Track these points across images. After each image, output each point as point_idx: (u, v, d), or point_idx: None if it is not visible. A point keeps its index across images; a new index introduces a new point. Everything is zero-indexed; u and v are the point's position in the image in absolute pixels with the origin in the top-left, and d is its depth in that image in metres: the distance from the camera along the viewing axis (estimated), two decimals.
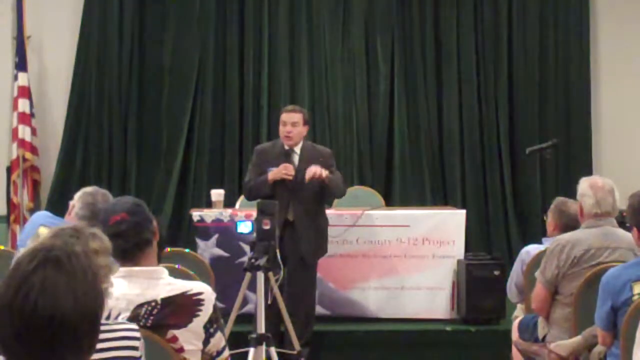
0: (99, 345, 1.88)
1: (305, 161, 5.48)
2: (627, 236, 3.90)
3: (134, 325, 2.06)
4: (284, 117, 5.53)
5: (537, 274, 4.11)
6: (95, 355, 1.73)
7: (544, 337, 4.19)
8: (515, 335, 4.45)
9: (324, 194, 5.58)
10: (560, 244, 4.01)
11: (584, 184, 4.07)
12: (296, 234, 5.44)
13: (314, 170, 5.32)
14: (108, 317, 2.45)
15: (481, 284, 5.85)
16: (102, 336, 1.91)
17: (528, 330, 4.33)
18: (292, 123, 5.49)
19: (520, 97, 7.97)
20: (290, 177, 5.38)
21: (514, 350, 4.51)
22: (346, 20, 7.92)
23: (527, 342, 4.29)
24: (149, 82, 7.85)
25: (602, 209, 3.98)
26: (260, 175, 5.47)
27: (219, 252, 5.94)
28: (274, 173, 5.40)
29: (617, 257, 3.89)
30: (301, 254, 5.46)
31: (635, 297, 3.35)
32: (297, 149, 5.54)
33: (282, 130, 5.51)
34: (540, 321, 4.22)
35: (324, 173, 5.33)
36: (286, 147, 5.52)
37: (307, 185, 5.39)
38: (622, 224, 4.12)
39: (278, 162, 5.45)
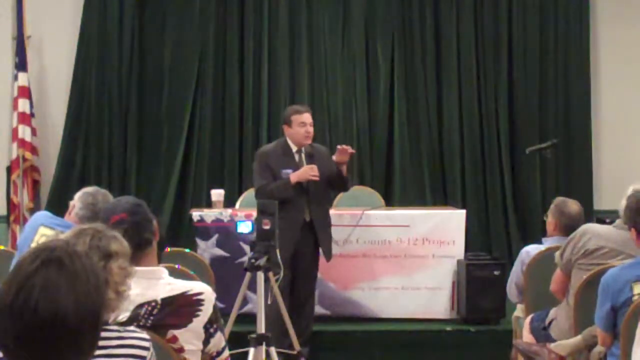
0: (105, 351, 1.88)
1: (311, 159, 5.50)
2: None
3: (145, 335, 2.03)
4: (304, 118, 5.48)
5: (557, 255, 4.17)
6: None
7: (550, 323, 4.21)
8: (526, 332, 4.44)
9: (329, 193, 5.68)
10: (582, 230, 4.08)
11: (631, 186, 4.08)
12: (314, 234, 5.46)
13: (346, 148, 5.40)
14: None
15: (481, 284, 5.85)
16: (109, 342, 1.91)
17: (540, 317, 4.35)
18: (310, 123, 5.51)
19: (520, 97, 7.96)
20: (317, 178, 5.38)
21: (514, 350, 4.52)
22: (346, 20, 7.92)
23: (538, 329, 4.30)
24: (149, 82, 7.85)
25: None
26: (273, 177, 5.42)
27: (219, 252, 5.95)
28: (299, 175, 5.36)
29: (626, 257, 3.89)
30: (321, 253, 5.53)
31: (635, 297, 3.35)
32: (302, 148, 5.54)
33: (302, 131, 5.45)
34: (553, 310, 4.25)
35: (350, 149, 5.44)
36: (294, 148, 5.50)
37: (320, 185, 5.43)
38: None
39: (290, 162, 5.44)
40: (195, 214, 6.07)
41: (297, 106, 5.86)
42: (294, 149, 5.51)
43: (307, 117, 5.50)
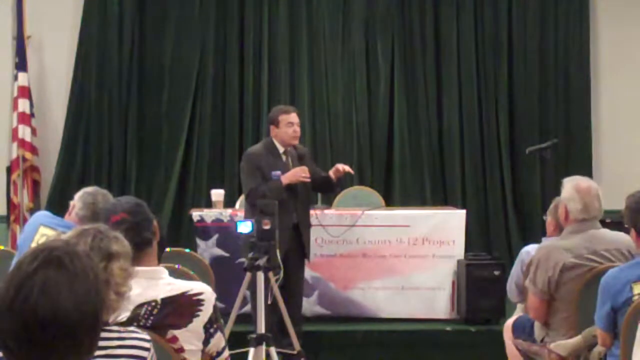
0: (105, 352, 1.89)
1: (297, 160, 5.51)
2: (613, 236, 3.89)
3: (145, 335, 2.03)
4: (291, 117, 5.46)
5: (528, 283, 4.05)
6: None
7: (542, 339, 4.18)
8: (507, 334, 4.43)
9: (311, 195, 5.72)
10: (545, 252, 3.94)
11: (568, 187, 3.98)
12: (301, 236, 5.45)
13: (343, 166, 5.47)
14: None
15: (481, 284, 5.86)
16: (110, 343, 1.91)
17: (525, 331, 4.31)
18: (298, 123, 5.50)
19: (520, 97, 7.97)
20: (309, 180, 5.38)
21: (511, 350, 4.50)
22: (346, 20, 7.92)
23: (526, 342, 4.28)
24: (149, 82, 7.86)
25: (590, 214, 3.91)
26: (263, 179, 5.36)
27: (219, 252, 5.95)
28: (290, 176, 5.33)
29: (606, 257, 3.87)
30: (305, 255, 5.52)
31: (635, 298, 3.34)
32: (288, 149, 5.52)
33: (289, 131, 5.42)
34: (537, 324, 4.21)
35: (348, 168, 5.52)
36: (281, 149, 5.48)
37: (306, 187, 5.43)
38: (619, 223, 4.09)
39: (278, 163, 5.41)
40: (195, 214, 6.07)
41: (283, 106, 5.84)
42: (281, 149, 5.47)
43: (294, 117, 5.48)
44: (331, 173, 5.49)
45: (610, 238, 3.91)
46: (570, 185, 3.98)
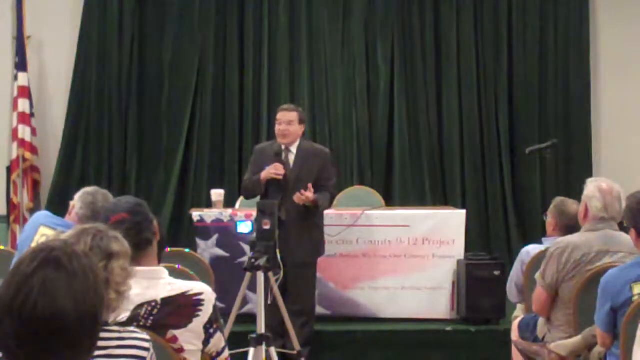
0: (105, 352, 1.89)
1: (301, 160, 5.50)
2: (627, 240, 3.89)
3: (145, 335, 2.03)
4: (279, 115, 5.56)
5: (537, 276, 4.09)
6: None
7: (543, 337, 4.19)
8: (515, 334, 4.46)
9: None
10: (560, 247, 3.98)
11: (591, 186, 4.02)
12: (287, 234, 5.27)
13: (302, 198, 5.32)
14: None
15: (481, 284, 5.85)
16: (109, 343, 1.91)
17: (529, 329, 4.33)
18: (287, 122, 5.50)
19: (520, 97, 7.97)
20: (280, 177, 5.36)
21: (514, 350, 4.52)
22: (346, 20, 7.92)
23: (527, 341, 4.29)
24: (149, 82, 7.85)
25: (609, 214, 3.95)
26: (257, 174, 5.47)
27: (219, 252, 5.95)
28: (264, 173, 5.39)
29: (617, 260, 3.88)
30: (294, 254, 5.38)
31: (635, 298, 3.34)
32: (293, 148, 5.54)
33: (278, 128, 5.54)
34: (540, 321, 4.22)
35: (311, 196, 5.33)
36: (282, 146, 5.52)
37: (300, 185, 5.39)
38: (620, 224, 4.10)
39: (273, 161, 5.44)
40: (195, 214, 6.07)
41: (284, 104, 5.94)
42: (283, 146, 5.53)
43: (281, 115, 5.55)
44: (295, 199, 5.37)
45: (624, 240, 3.91)
46: (593, 185, 4.03)
